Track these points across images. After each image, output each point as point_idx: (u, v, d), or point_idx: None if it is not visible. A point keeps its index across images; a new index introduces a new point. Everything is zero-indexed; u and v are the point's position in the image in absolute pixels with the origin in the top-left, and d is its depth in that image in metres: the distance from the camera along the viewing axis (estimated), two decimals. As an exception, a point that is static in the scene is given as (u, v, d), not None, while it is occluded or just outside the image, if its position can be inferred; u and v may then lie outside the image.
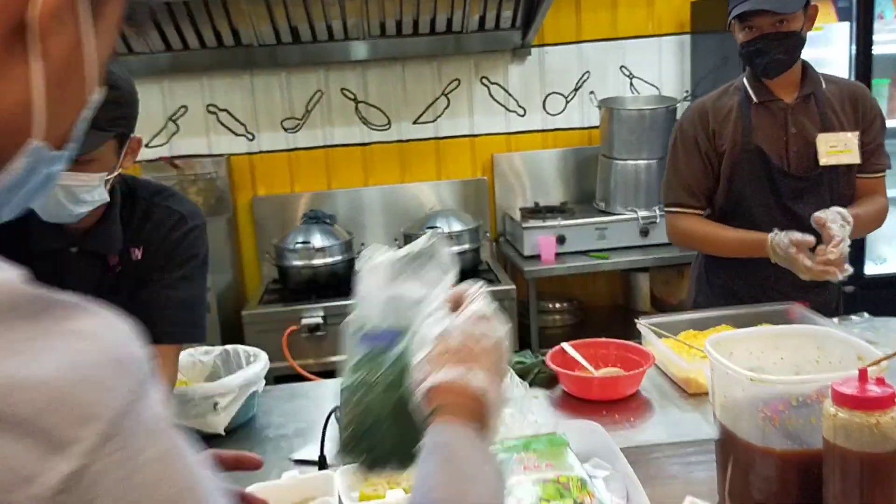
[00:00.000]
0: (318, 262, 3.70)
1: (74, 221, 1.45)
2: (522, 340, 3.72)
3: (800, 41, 2.03)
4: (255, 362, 1.63)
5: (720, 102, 2.17)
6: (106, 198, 1.45)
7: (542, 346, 3.76)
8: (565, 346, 1.77)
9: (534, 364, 1.75)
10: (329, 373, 3.37)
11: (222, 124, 4.09)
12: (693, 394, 1.65)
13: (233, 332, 3.60)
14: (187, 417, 1.53)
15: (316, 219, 3.82)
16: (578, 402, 1.64)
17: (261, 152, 4.14)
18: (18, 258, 1.36)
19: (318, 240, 3.71)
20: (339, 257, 3.74)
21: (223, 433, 1.55)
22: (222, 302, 3.75)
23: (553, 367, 1.68)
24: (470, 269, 3.81)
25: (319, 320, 3.54)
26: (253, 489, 1.15)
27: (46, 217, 1.42)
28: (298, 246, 3.68)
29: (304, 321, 3.53)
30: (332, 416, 1.32)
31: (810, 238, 1.90)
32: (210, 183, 4.00)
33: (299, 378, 3.38)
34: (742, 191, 2.13)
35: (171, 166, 3.92)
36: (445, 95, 4.13)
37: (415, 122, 4.15)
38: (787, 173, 2.09)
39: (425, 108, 4.14)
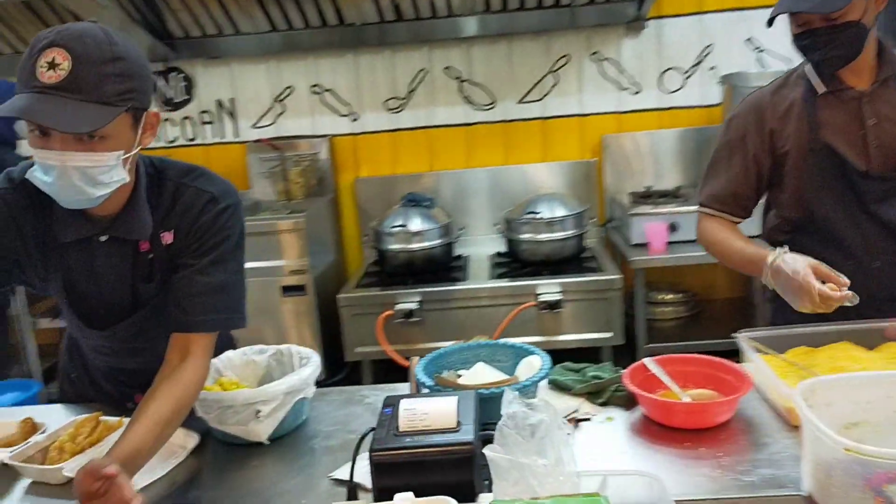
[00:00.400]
0: (414, 246, 3.60)
1: (95, 205, 1.37)
2: (629, 333, 3.49)
3: (860, 32, 1.69)
4: (306, 366, 1.53)
5: (779, 96, 1.85)
6: (125, 178, 1.37)
7: (649, 340, 3.53)
8: (647, 361, 1.57)
9: (611, 379, 1.56)
10: (423, 361, 3.28)
11: (327, 104, 4.05)
12: (798, 427, 1.41)
13: (330, 315, 3.58)
14: (229, 424, 1.45)
15: (414, 202, 3.72)
16: (659, 429, 1.44)
17: (364, 133, 4.08)
18: (50, 250, 1.30)
19: (415, 223, 3.61)
20: (436, 241, 3.63)
21: (266, 442, 1.47)
22: (322, 283, 3.73)
23: (630, 387, 1.48)
24: (573, 257, 3.61)
25: (414, 306, 3.45)
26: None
27: (65, 203, 1.35)
28: (395, 229, 3.60)
29: (399, 306, 3.45)
30: (368, 436, 1.19)
31: (824, 268, 1.61)
32: (312, 164, 3.97)
33: (391, 363, 3.32)
34: (815, 198, 1.81)
35: (272, 148, 3.92)
36: (553, 73, 3.92)
37: (520, 102, 3.97)
38: (867, 174, 1.76)
39: (532, 86, 3.94)
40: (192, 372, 1.41)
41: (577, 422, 1.48)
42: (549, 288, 3.43)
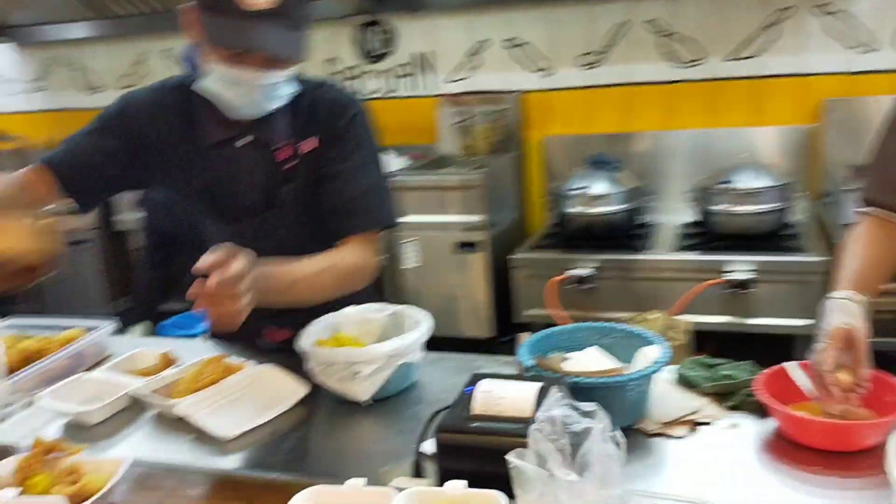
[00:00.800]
0: (595, 210, 3.45)
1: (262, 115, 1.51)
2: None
3: None
4: (414, 330, 1.50)
5: None
6: (292, 89, 1.51)
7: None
8: (789, 366, 1.36)
9: (745, 381, 1.37)
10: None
11: (520, 59, 3.96)
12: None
13: (505, 274, 3.54)
14: (331, 381, 1.46)
15: (600, 163, 3.55)
16: (789, 445, 1.24)
17: (556, 89, 3.94)
18: (194, 151, 1.41)
19: (598, 186, 3.45)
20: (619, 206, 3.45)
21: (366, 402, 1.46)
22: (500, 241, 3.69)
23: (761, 395, 1.29)
24: (771, 233, 3.27)
25: (589, 272, 3.32)
26: (308, 492, 1.03)
27: (236, 114, 1.48)
28: (576, 191, 3.46)
29: (573, 271, 3.33)
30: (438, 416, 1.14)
31: (861, 344, 1.27)
32: (500, 120, 3.92)
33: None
34: None
35: (458, 103, 3.90)
36: (771, 27, 3.52)
37: (730, 59, 3.62)
38: None
39: (744, 41, 3.57)
40: (352, 252, 1.55)
41: (694, 425, 1.33)
42: (739, 265, 3.14)
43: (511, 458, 0.85)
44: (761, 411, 1.35)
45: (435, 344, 1.50)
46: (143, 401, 1.51)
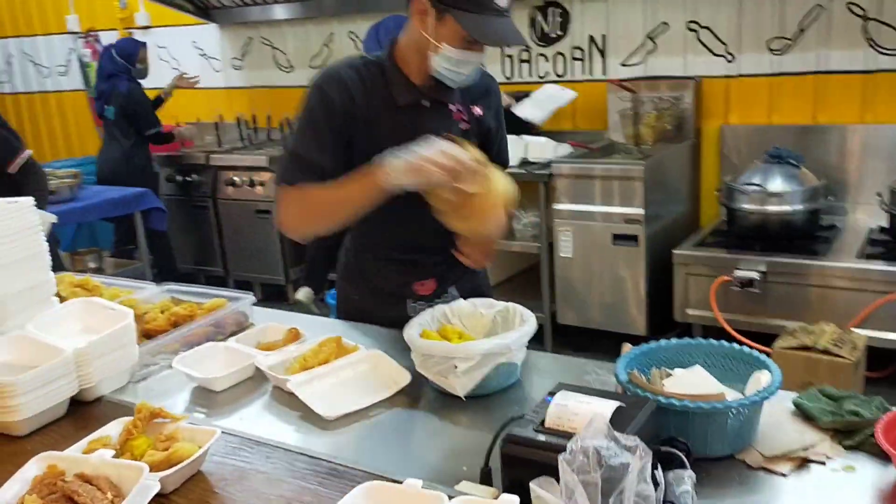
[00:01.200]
0: (770, 208, 3.23)
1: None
2: None
3: None
4: (513, 331, 1.47)
5: None
6: None
7: None
8: (927, 409, 1.19)
9: (871, 420, 1.22)
10: (760, 335, 2.95)
11: (701, 43, 3.74)
12: None
13: (666, 269, 3.40)
14: (430, 373, 1.47)
15: (779, 158, 3.30)
16: (911, 500, 1.10)
17: (739, 76, 3.70)
18: (387, 114, 1.68)
19: (775, 183, 3.22)
20: (797, 206, 3.21)
21: (463, 397, 1.45)
22: (664, 234, 3.55)
23: (881, 438, 1.14)
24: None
25: (755, 275, 3.12)
26: (364, 486, 1.05)
27: (455, 84, 1.74)
28: (750, 187, 3.24)
29: (738, 273, 3.15)
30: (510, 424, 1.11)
31: None
32: (672, 107, 3.73)
33: (722, 332, 3.05)
34: None
35: (625, 89, 3.75)
36: None
37: (943, 45, 3.21)
38: None
39: (963, 25, 3.15)
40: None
41: (804, 462, 1.21)
42: (933, 279, 2.81)
43: (534, 485, 0.81)
44: (886, 456, 1.20)
45: (586, 336, 1.46)
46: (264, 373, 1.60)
